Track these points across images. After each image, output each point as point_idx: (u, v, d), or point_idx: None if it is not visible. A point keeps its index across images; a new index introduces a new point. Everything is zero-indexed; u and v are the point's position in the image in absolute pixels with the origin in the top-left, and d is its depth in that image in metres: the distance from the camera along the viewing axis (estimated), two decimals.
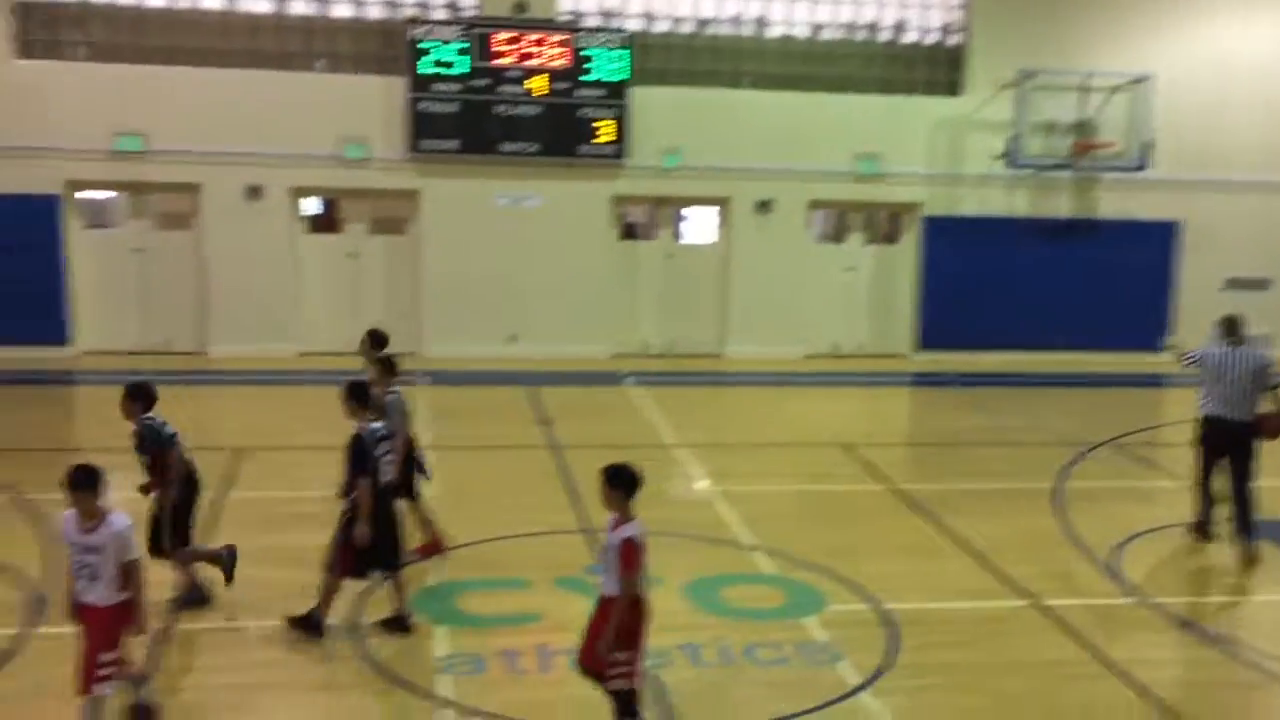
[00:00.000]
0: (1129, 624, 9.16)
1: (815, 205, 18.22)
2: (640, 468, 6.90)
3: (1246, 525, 10.24)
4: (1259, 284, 18.76)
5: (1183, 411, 15.82)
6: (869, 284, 18.35)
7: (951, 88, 18.18)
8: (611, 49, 17.01)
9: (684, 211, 18.87)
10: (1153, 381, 17.54)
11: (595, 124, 17.18)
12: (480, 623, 8.64)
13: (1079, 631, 8.83)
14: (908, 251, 18.28)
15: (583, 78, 17.00)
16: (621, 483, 6.83)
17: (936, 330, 18.03)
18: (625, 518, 6.78)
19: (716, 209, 18.16)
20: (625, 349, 17.73)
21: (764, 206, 17.76)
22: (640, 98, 17.24)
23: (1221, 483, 10.43)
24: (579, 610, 8.87)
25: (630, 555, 6.70)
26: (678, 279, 18.01)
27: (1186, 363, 10.61)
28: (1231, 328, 10.29)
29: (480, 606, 8.92)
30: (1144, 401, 16.53)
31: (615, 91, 17.12)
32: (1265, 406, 10.08)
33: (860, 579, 9.64)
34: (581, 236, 17.48)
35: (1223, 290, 18.60)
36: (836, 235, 18.90)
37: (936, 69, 18.22)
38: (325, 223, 17.96)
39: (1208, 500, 10.55)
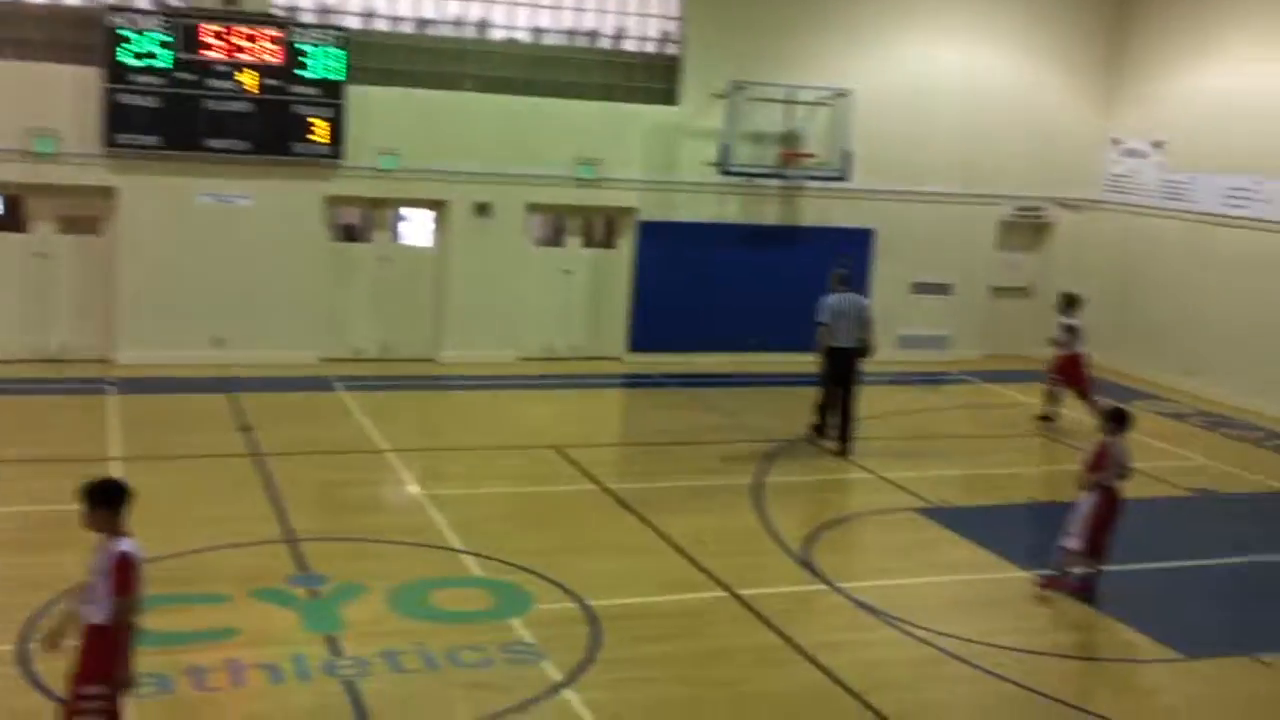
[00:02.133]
0: (818, 610, 9.70)
1: (534, 209, 18.35)
2: (124, 480, 6.44)
3: (847, 432, 13.96)
4: (942, 288, 20.17)
5: (874, 407, 16.87)
6: (585, 287, 18.63)
7: (668, 96, 18.69)
8: (328, 46, 16.60)
9: (403, 213, 18.63)
10: None
11: (310, 122, 16.73)
12: (170, 640, 8.26)
13: (772, 620, 9.28)
14: (623, 255, 18.68)
15: (298, 74, 16.53)
16: (105, 499, 6.15)
17: (649, 333, 18.48)
18: (116, 534, 6.18)
19: (433, 212, 18.01)
20: (337, 353, 17.32)
21: (483, 209, 17.74)
22: (358, 97, 16.90)
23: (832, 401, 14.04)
24: (280, 623, 8.70)
25: (124, 575, 6.12)
26: (393, 282, 17.74)
27: (819, 319, 13.98)
28: (844, 280, 14.29)
29: (170, 623, 8.50)
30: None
31: (331, 90, 16.72)
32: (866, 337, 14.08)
33: (568, 578, 9.80)
34: (293, 238, 16.96)
35: (911, 293, 19.90)
36: (554, 239, 19.10)
37: (654, 77, 18.69)
38: (8, 221, 16.71)
39: (823, 411, 14.23)
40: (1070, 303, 16.26)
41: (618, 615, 9.19)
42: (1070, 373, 16.05)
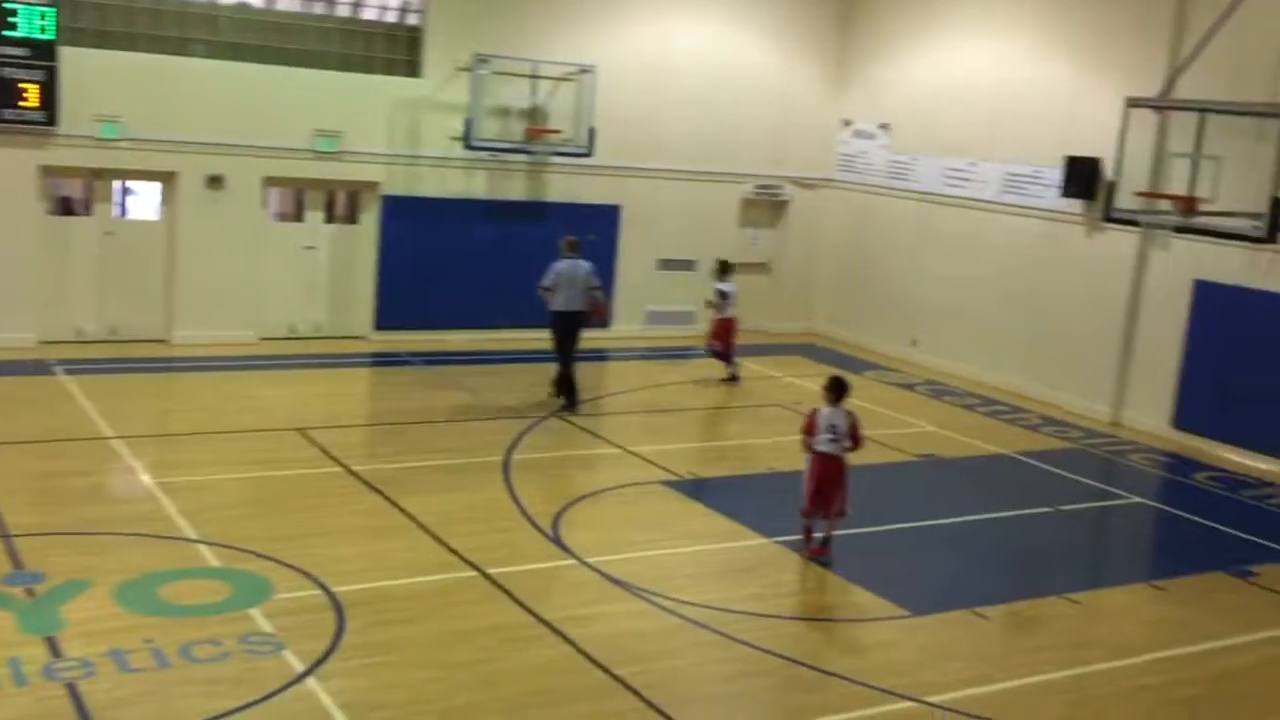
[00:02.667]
0: (567, 585, 9.75)
1: (271, 182, 17.62)
2: None
3: (571, 388, 15.01)
4: (687, 264, 20.62)
5: (622, 382, 17.12)
6: (328, 264, 18.04)
7: (411, 68, 18.28)
8: (36, 5, 15.41)
9: (131, 185, 17.54)
10: (597, 356, 18.72)
11: (20, 87, 15.51)
12: None
13: (520, 597, 9.27)
14: (367, 231, 18.18)
15: (4, 35, 15.29)
16: None
17: (395, 310, 18.08)
18: None
19: (160, 184, 17.03)
20: (56, 335, 16.18)
21: (215, 182, 16.89)
22: (72, 60, 15.77)
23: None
24: None
25: None
26: (119, 259, 16.67)
27: (548, 284, 14.86)
28: (573, 245, 15.12)
29: None
30: (587, 375, 17.54)
31: (42, 51, 15.54)
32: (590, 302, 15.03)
33: (310, 564, 9.51)
34: (3, 211, 15.72)
35: (657, 269, 20.25)
36: (295, 214, 18.41)
37: (395, 48, 18.22)
38: None
39: (562, 372, 15.11)
40: (724, 269, 17.45)
41: (363, 600, 8.99)
42: (721, 335, 17.24)
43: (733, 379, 17.14)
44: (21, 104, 15.56)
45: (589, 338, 15.47)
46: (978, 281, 18.74)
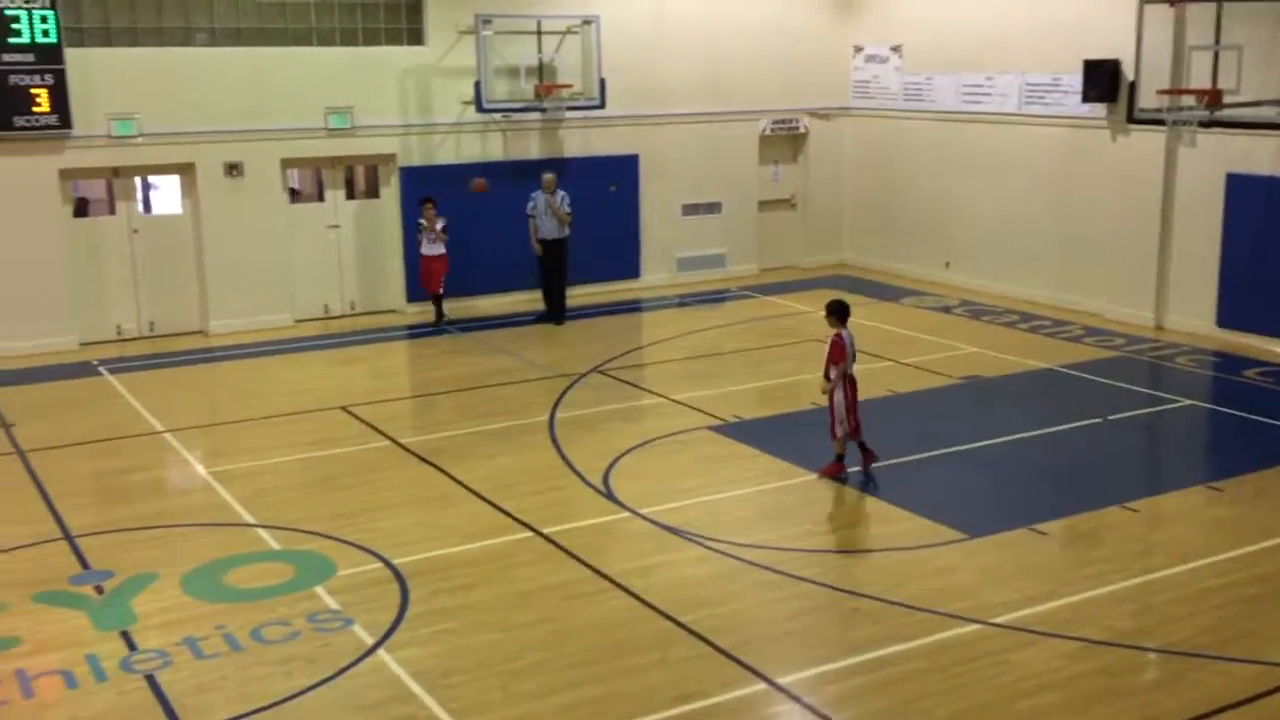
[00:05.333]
0: (623, 538, 9.81)
1: (288, 164, 17.64)
2: None
3: (561, 307, 17.31)
4: (712, 208, 20.52)
5: (659, 331, 17.11)
6: (354, 241, 18.09)
7: (415, 36, 18.19)
8: (36, 9, 15.42)
9: (153, 180, 17.62)
10: (630, 308, 18.74)
11: (30, 92, 15.57)
12: None
13: (579, 553, 9.34)
14: (390, 204, 18.19)
15: (10, 41, 15.32)
16: None
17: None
18: None
19: (179, 176, 17.08)
20: (97, 336, 16.34)
21: (234, 169, 16.94)
22: (80, 61, 15.80)
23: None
24: (65, 626, 8.23)
25: None
26: (148, 254, 16.78)
27: (530, 211, 17.20)
28: (550, 184, 17.13)
29: None
30: (623, 328, 17.62)
31: (47, 55, 15.57)
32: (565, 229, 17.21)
33: (369, 539, 9.63)
34: (29, 218, 15.79)
35: (683, 215, 20.15)
36: (316, 193, 18.44)
37: (396, 17, 18.12)
38: None
39: (546, 294, 17.43)
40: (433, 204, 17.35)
41: (424, 569, 9.09)
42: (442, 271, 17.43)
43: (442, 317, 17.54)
44: (34, 110, 15.62)
45: (622, 290, 15.54)
46: (1006, 197, 18.55)
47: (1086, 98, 16.75)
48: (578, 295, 18.39)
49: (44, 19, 15.48)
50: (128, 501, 10.81)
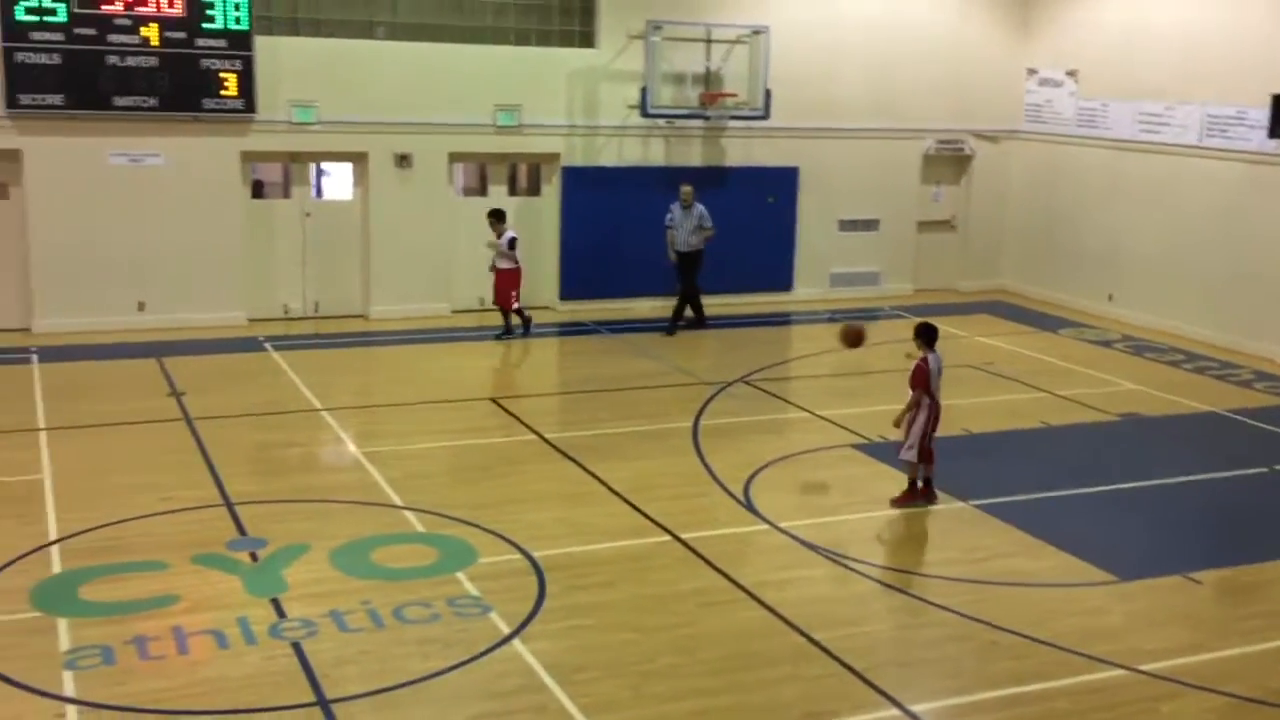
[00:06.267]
0: (761, 549, 9.78)
1: (455, 158, 18.08)
2: None
3: (701, 316, 17.46)
4: (869, 224, 20.28)
5: (805, 347, 17.01)
6: None
7: (585, 39, 18.46)
8: None
9: (325, 167, 18.26)
10: (780, 321, 18.67)
11: (220, 76, 16.29)
12: (109, 611, 8.15)
13: (715, 561, 9.34)
14: (550, 203, 18.50)
15: (204, 25, 16.06)
16: None
17: (578, 280, 18.37)
18: None
19: (352, 164, 17.65)
20: (264, 313, 17.01)
21: (404, 160, 17.44)
22: (267, 48, 16.48)
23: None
24: (220, 588, 8.59)
25: None
26: (317, 238, 17.40)
27: (668, 222, 17.26)
28: (688, 197, 17.16)
29: (109, 594, 8.41)
30: (772, 340, 17.57)
31: (238, 41, 16.28)
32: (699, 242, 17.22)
33: (511, 530, 9.79)
34: (210, 196, 16.53)
35: (839, 230, 19.98)
36: (479, 188, 18.85)
37: (570, 20, 18.43)
38: None
39: (686, 297, 17.35)
40: (500, 218, 16.56)
41: (562, 564, 9.20)
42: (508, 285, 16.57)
43: (509, 332, 16.67)
44: (222, 93, 16.32)
45: (773, 302, 15.45)
46: (1177, 231, 17.89)
47: (1273, 133, 16.05)
48: (728, 305, 18.40)
49: (237, 6, 16.16)
50: (284, 474, 11.23)
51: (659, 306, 18.35)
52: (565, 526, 10.03)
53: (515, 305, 16.58)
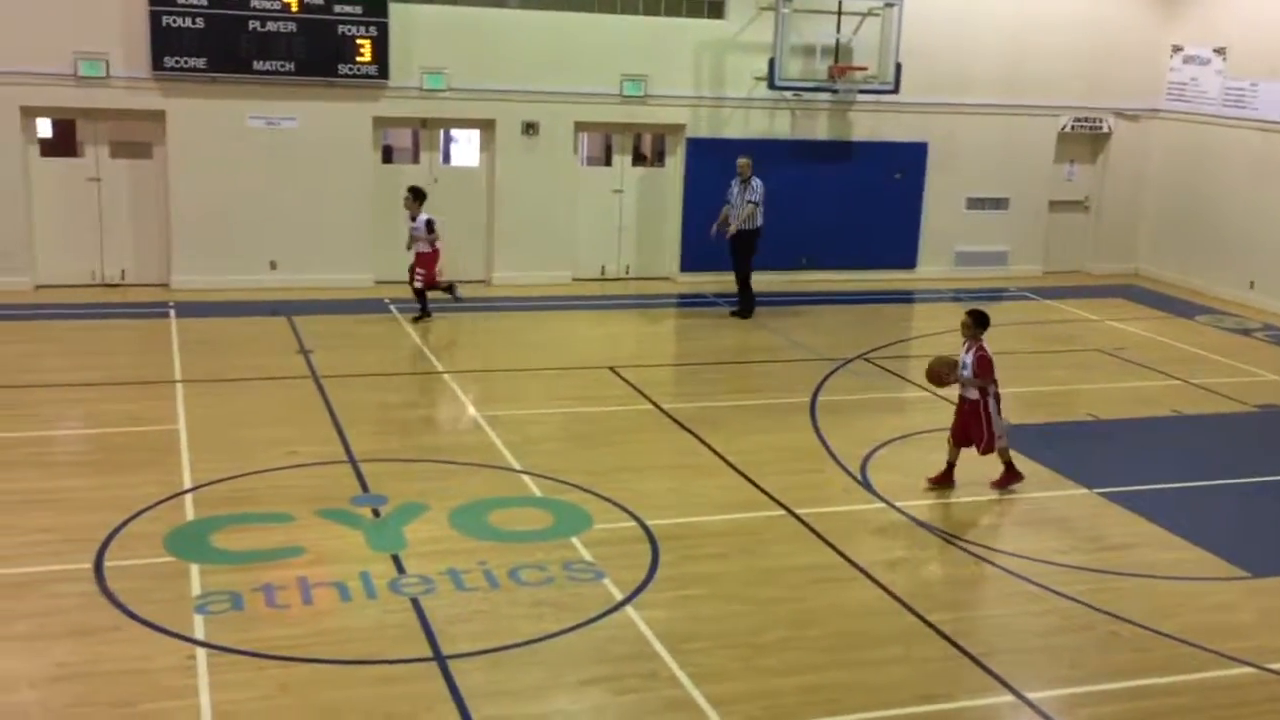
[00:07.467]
0: (875, 528, 9.68)
1: (581, 127, 18.15)
2: None
3: (746, 302, 16.46)
4: (999, 203, 19.82)
5: (927, 325, 16.71)
6: (635, 207, 18.47)
7: (715, 10, 18.34)
8: None
9: (453, 134, 18.51)
10: (903, 298, 18.40)
11: (355, 42, 16.60)
12: (238, 559, 8.43)
13: (830, 538, 9.28)
14: (673, 174, 18.47)
15: None
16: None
17: (700, 252, 18.31)
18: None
19: (479, 132, 17.86)
20: (390, 275, 17.35)
21: (530, 129, 17.58)
22: (401, 15, 16.73)
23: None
24: (343, 542, 8.82)
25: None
26: (443, 203, 17.65)
27: (727, 198, 16.36)
28: (745, 169, 16.19)
29: (238, 543, 8.69)
30: (893, 317, 17.32)
31: (375, 9, 16.56)
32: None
33: (625, 497, 9.84)
34: (342, 160, 16.88)
35: (967, 209, 19.57)
36: (603, 158, 18.92)
37: None
38: (61, 145, 16.75)
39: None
40: (418, 196, 15.47)
41: (675, 534, 9.23)
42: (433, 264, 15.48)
43: (426, 315, 15.57)
44: (358, 59, 16.63)
45: (895, 279, 15.23)
46: None
47: None
48: (849, 281, 18.20)
49: None
50: (406, 433, 11.46)
51: (778, 280, 18.21)
52: (679, 496, 10.06)
53: (439, 280, 15.52)
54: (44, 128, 16.58)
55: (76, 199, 16.31)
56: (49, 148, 16.52)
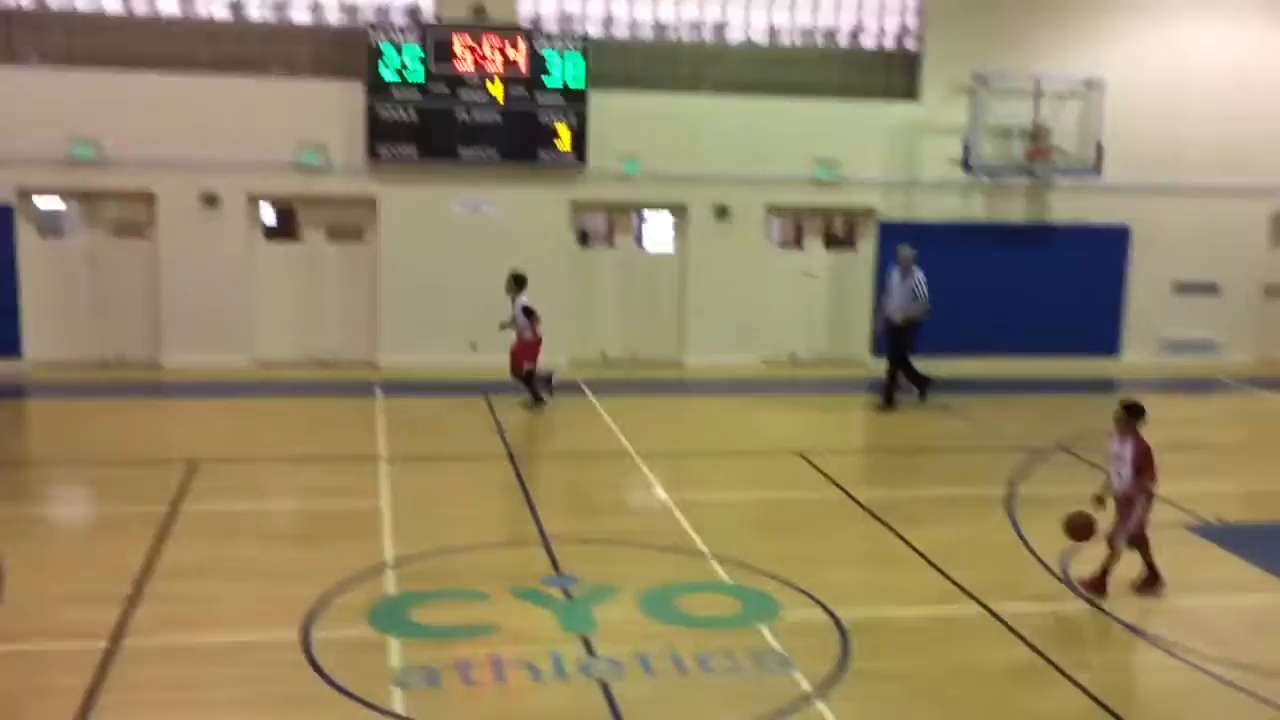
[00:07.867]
0: (1079, 628, 9.28)
1: (773, 211, 18.29)
2: None
3: (920, 380, 16.08)
4: (1209, 288, 19.01)
5: None
6: (827, 290, 18.44)
7: (908, 92, 18.32)
8: (570, 54, 17.04)
9: (646, 216, 18.91)
10: (1104, 386, 17.74)
11: (555, 129, 17.20)
12: (434, 634, 8.65)
13: (1028, 637, 8.93)
14: (865, 257, 18.40)
15: (543, 81, 17.03)
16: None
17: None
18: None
19: (672, 216, 18.19)
20: (584, 357, 17.72)
21: (722, 213, 17.81)
22: (599, 103, 17.26)
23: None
24: (534, 622, 8.96)
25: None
26: (636, 286, 18.02)
27: (886, 286, 16.14)
28: (907, 262, 15.71)
29: (435, 618, 8.92)
30: (1095, 406, 16.64)
31: (574, 97, 17.14)
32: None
33: (815, 587, 9.70)
34: (541, 243, 17.45)
35: (1174, 294, 18.83)
36: (795, 241, 18.99)
37: (893, 74, 18.36)
38: (283, 230, 17.85)
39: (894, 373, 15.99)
40: (521, 283, 15.14)
41: (866, 627, 9.04)
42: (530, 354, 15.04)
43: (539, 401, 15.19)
44: (555, 146, 17.22)
45: (1098, 367, 14.71)
46: None
47: None
48: (1045, 367, 17.68)
49: (576, 65, 17.04)
50: (596, 515, 11.61)
51: (973, 366, 17.83)
52: (871, 588, 9.87)
53: (525, 368, 15.34)
54: (268, 215, 17.70)
55: (295, 282, 17.28)
56: (272, 234, 17.62)
